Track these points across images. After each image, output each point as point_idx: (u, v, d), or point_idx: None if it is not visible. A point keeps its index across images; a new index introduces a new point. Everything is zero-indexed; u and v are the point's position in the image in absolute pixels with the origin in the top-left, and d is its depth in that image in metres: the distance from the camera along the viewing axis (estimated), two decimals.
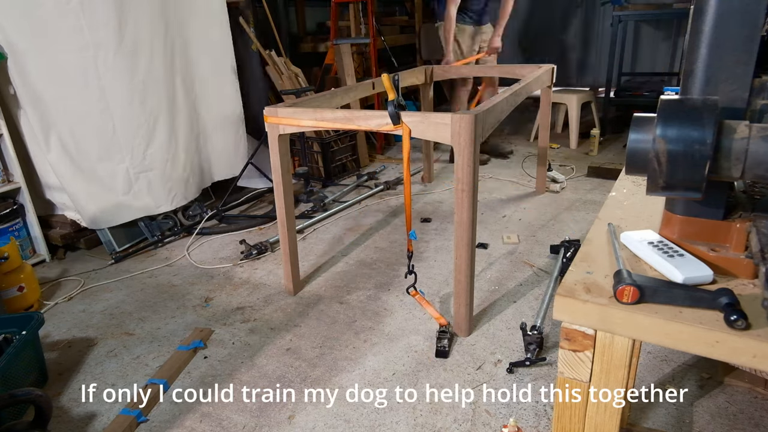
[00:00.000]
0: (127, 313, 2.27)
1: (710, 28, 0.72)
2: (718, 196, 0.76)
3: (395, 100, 1.80)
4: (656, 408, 1.57)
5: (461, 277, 1.87)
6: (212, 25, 3.11)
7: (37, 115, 2.52)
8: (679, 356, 1.77)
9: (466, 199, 1.77)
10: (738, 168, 0.68)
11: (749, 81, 0.72)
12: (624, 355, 0.70)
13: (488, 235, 2.83)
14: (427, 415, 1.59)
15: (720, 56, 0.72)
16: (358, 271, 2.52)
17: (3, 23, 2.35)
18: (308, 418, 1.61)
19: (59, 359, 1.98)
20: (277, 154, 2.09)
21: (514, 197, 3.39)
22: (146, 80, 2.74)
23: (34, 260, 2.76)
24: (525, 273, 2.41)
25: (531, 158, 4.07)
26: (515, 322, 2.03)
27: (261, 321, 2.15)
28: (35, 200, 2.76)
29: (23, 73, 2.44)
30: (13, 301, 2.24)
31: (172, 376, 1.82)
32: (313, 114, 1.96)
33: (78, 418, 1.68)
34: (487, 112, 1.82)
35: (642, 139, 0.73)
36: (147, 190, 2.88)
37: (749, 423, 1.49)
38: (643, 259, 0.79)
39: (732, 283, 0.72)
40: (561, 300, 0.71)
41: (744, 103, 0.73)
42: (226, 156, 3.36)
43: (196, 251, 2.86)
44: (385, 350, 1.92)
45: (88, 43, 2.50)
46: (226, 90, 3.29)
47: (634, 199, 1.03)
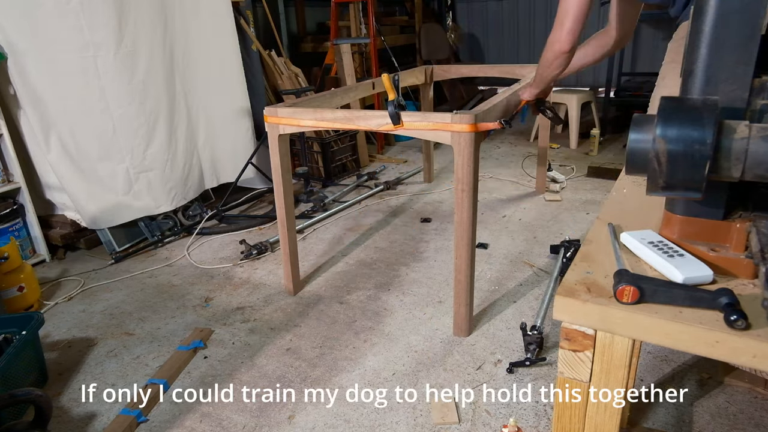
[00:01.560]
0: (127, 313, 2.27)
1: (710, 28, 0.71)
2: (718, 196, 0.76)
3: (395, 100, 1.80)
4: (656, 408, 1.57)
5: (461, 277, 1.87)
6: (216, 25, 3.10)
7: (37, 115, 2.52)
8: (679, 356, 1.77)
9: (466, 199, 1.77)
10: (738, 168, 0.68)
11: (749, 81, 0.72)
12: (624, 355, 0.70)
13: (488, 235, 2.83)
14: (427, 415, 1.59)
15: (720, 56, 0.72)
16: (358, 271, 2.52)
17: (3, 23, 2.35)
18: (308, 418, 1.61)
19: (59, 359, 1.98)
20: (277, 154, 2.09)
21: (514, 197, 3.39)
22: (146, 80, 2.74)
23: (34, 260, 2.76)
24: (525, 273, 2.41)
25: (531, 158, 4.07)
26: (515, 322, 2.03)
27: (261, 321, 2.15)
28: (35, 200, 2.76)
29: (23, 73, 2.44)
30: (13, 301, 2.24)
31: (172, 376, 1.82)
32: (313, 114, 1.96)
33: (78, 418, 1.68)
34: (487, 111, 1.81)
35: (642, 139, 0.73)
36: (147, 190, 2.88)
37: (749, 423, 1.49)
38: (643, 259, 0.79)
39: (732, 283, 0.72)
40: (561, 300, 0.71)
41: (744, 103, 0.73)
42: (235, 157, 3.34)
43: (196, 251, 2.86)
44: (385, 350, 1.92)
45: (88, 43, 2.50)
46: (234, 90, 3.27)
47: (634, 199, 1.03)
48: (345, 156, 4.07)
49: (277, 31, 4.48)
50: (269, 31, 4.35)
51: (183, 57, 2.98)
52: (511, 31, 6.53)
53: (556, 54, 1.64)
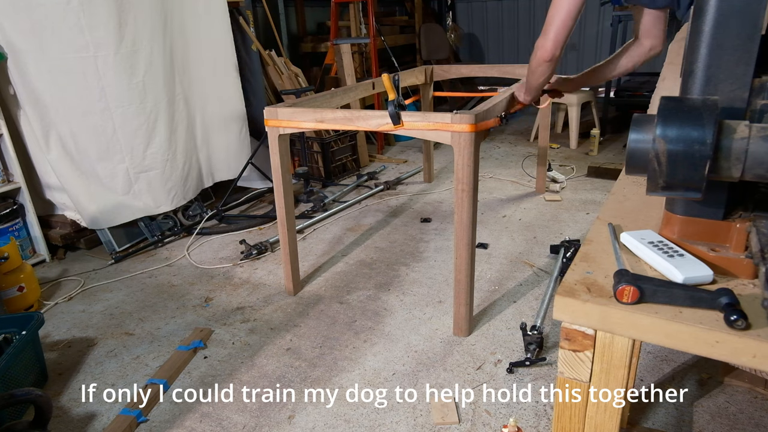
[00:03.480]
0: (127, 313, 2.27)
1: (710, 28, 0.71)
2: (718, 196, 0.76)
3: (395, 100, 1.80)
4: (656, 408, 1.57)
5: (461, 277, 1.87)
6: (213, 25, 3.10)
7: (37, 115, 2.52)
8: (679, 356, 1.77)
9: (466, 199, 1.77)
10: (738, 168, 0.68)
11: (749, 81, 0.72)
12: (624, 355, 0.70)
13: (488, 235, 2.83)
14: (427, 415, 1.59)
15: (720, 56, 0.72)
16: (358, 271, 2.52)
17: (3, 23, 2.35)
18: (308, 418, 1.61)
19: (59, 359, 1.98)
20: (277, 154, 2.09)
21: (514, 197, 3.39)
22: (146, 80, 2.74)
23: (34, 260, 2.76)
24: (525, 273, 2.41)
25: (531, 158, 4.07)
26: (515, 322, 2.03)
27: (261, 321, 2.15)
28: (35, 200, 2.76)
29: (23, 73, 2.44)
30: (13, 301, 2.24)
31: (172, 376, 1.82)
32: (313, 114, 1.96)
33: (78, 418, 1.68)
34: (487, 111, 1.82)
35: (642, 139, 0.73)
36: (147, 190, 2.88)
37: (749, 423, 1.49)
38: (643, 259, 0.79)
39: (732, 283, 0.72)
40: (561, 300, 0.71)
41: (744, 103, 0.73)
42: (228, 156, 3.35)
43: (196, 251, 2.86)
44: (385, 350, 1.92)
45: (88, 42, 2.50)
46: (228, 90, 3.28)
47: (634, 199, 1.03)
48: (345, 156, 4.07)
49: (277, 31, 4.48)
50: (269, 31, 4.35)
51: (183, 57, 2.98)
52: (511, 31, 6.53)
53: (539, 61, 1.66)
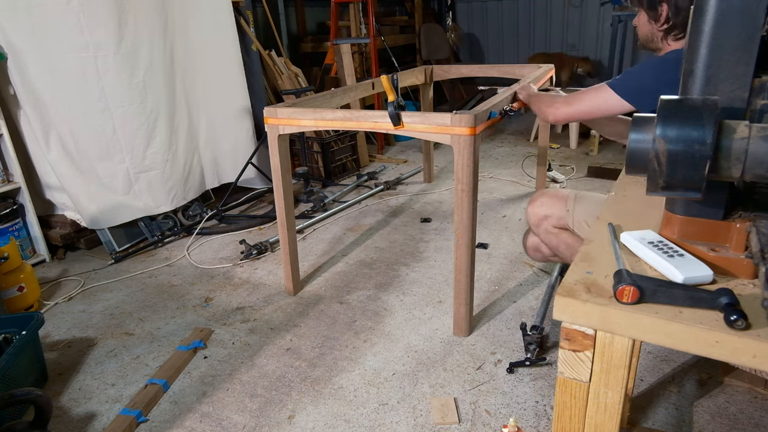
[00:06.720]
0: (127, 313, 2.27)
1: (710, 28, 0.71)
2: (718, 196, 0.76)
3: (395, 101, 1.80)
4: (656, 408, 1.57)
5: (461, 277, 1.87)
6: (217, 24, 3.10)
7: (37, 115, 2.52)
8: (679, 356, 1.77)
9: (466, 199, 1.77)
10: (738, 168, 0.68)
11: (749, 81, 0.72)
12: (624, 355, 0.70)
13: (488, 235, 2.83)
14: (427, 415, 1.59)
15: (720, 56, 0.72)
16: (358, 271, 2.52)
17: (3, 23, 2.35)
18: (308, 418, 1.61)
19: (59, 359, 1.98)
20: (277, 154, 2.09)
21: (514, 197, 3.39)
22: (146, 80, 2.74)
23: (34, 260, 2.76)
24: (525, 273, 2.41)
25: (531, 158, 4.07)
26: (515, 322, 2.03)
27: (261, 321, 2.15)
28: (35, 200, 2.76)
29: (23, 73, 2.44)
30: (13, 301, 2.24)
31: (172, 376, 1.82)
32: (313, 114, 1.96)
33: (78, 418, 1.68)
34: (487, 111, 1.82)
35: (642, 139, 0.73)
36: (147, 190, 2.88)
37: (749, 423, 1.49)
38: (643, 259, 0.79)
39: (732, 283, 0.72)
40: (561, 300, 0.71)
41: (744, 103, 0.73)
42: (236, 157, 3.34)
43: (196, 251, 2.86)
44: (385, 350, 1.92)
45: (88, 43, 2.50)
46: (234, 91, 3.27)
47: (634, 199, 1.03)
48: (345, 156, 4.07)
49: (277, 31, 4.48)
50: (269, 31, 4.36)
51: (183, 57, 2.98)
52: (511, 31, 6.53)
53: (544, 114, 1.75)
